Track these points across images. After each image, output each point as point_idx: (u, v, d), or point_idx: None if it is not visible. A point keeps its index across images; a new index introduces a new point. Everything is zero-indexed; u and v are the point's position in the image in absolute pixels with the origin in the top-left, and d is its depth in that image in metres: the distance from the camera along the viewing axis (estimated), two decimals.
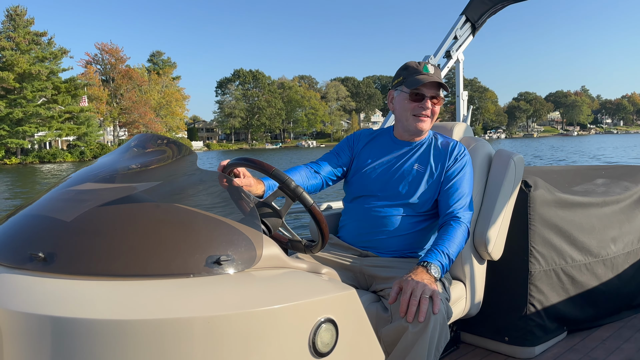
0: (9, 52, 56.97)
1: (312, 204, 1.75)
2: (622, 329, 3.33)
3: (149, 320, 1.20)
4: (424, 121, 2.37)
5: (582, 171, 3.90)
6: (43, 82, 58.02)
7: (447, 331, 1.97)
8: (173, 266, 1.40)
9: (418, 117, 2.36)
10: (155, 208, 1.55)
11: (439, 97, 2.37)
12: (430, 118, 2.38)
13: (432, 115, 2.38)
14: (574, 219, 3.08)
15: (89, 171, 1.79)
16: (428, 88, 2.33)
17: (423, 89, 2.33)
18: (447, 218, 2.30)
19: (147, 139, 1.95)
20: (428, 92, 2.34)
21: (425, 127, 2.39)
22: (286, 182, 1.76)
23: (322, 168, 2.49)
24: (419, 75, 2.32)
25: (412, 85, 2.33)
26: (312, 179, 2.44)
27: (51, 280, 1.36)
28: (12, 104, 57.66)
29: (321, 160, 2.53)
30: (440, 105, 2.40)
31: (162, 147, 1.90)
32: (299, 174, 2.40)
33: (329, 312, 1.40)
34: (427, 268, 2.02)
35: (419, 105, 2.35)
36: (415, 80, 2.31)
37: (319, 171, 2.48)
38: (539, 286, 2.92)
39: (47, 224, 1.55)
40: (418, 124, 2.37)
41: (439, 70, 2.41)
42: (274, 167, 1.80)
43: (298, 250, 2.01)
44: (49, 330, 1.20)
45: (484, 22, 4.48)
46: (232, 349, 1.25)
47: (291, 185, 1.76)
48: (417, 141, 2.47)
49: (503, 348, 2.99)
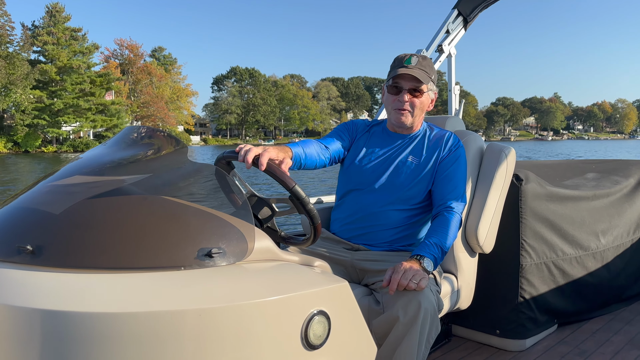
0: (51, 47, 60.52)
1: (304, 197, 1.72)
2: (611, 322, 3.35)
3: (140, 313, 1.19)
4: (404, 114, 2.32)
5: (573, 165, 3.91)
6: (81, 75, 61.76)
7: (437, 323, 1.98)
8: (164, 259, 1.40)
9: (398, 111, 2.33)
10: (146, 200, 1.54)
11: (420, 90, 2.29)
12: (410, 111, 2.32)
13: (412, 108, 2.32)
14: (564, 212, 3.10)
15: (78, 164, 1.77)
16: (407, 81, 2.28)
17: (401, 81, 2.29)
18: (441, 209, 2.29)
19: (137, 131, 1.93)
20: (406, 85, 2.29)
21: (406, 121, 2.34)
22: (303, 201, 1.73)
23: (331, 145, 2.42)
24: (398, 68, 2.28)
25: (390, 78, 2.31)
26: (323, 154, 2.36)
27: (40, 273, 1.35)
28: (52, 95, 61.24)
29: (327, 139, 2.46)
30: (421, 99, 2.32)
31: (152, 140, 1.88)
32: (313, 146, 2.30)
33: (321, 305, 1.40)
34: (420, 261, 2.02)
35: (397, 98, 2.32)
36: (394, 72, 2.29)
37: (329, 147, 2.41)
38: (530, 279, 2.93)
39: (35, 217, 1.53)
40: (398, 117, 2.34)
41: (428, 62, 2.34)
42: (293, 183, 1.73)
43: (291, 244, 1.98)
44: (38, 323, 1.19)
45: (476, 16, 4.47)
46: (224, 342, 1.24)
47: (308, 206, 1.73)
48: (410, 134, 2.44)
49: (494, 341, 3.00)
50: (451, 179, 2.33)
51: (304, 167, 2.25)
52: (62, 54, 61.09)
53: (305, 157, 2.21)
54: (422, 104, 2.34)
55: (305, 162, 2.22)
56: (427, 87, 2.32)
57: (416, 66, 2.28)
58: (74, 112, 62.35)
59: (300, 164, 2.20)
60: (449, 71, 4.56)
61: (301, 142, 2.26)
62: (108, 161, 1.74)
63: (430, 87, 2.34)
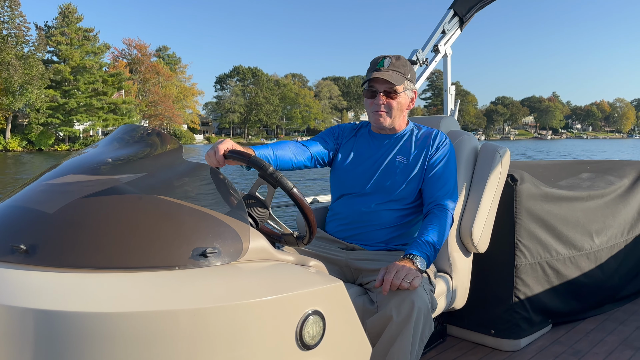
0: (65, 47, 61.88)
1: (292, 188, 1.71)
2: (605, 322, 3.37)
3: (134, 312, 1.19)
4: (382, 116, 2.35)
5: (568, 166, 3.92)
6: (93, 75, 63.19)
7: (431, 322, 1.99)
8: (158, 258, 1.39)
9: (376, 113, 2.36)
10: (140, 200, 1.53)
11: (394, 91, 2.31)
12: (387, 112, 2.35)
13: (388, 110, 2.34)
14: (559, 212, 3.11)
15: (73, 162, 1.77)
16: (381, 84, 2.31)
17: (375, 84, 2.32)
18: (431, 206, 2.30)
19: (132, 130, 1.93)
20: (380, 88, 2.31)
21: (384, 122, 2.36)
22: (263, 167, 1.73)
23: (311, 147, 2.44)
24: (372, 72, 2.31)
25: (365, 82, 2.34)
26: (301, 155, 2.37)
27: (33, 272, 1.35)
28: (66, 95, 62.64)
29: (309, 141, 2.48)
30: (397, 99, 2.33)
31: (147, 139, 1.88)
32: (288, 147, 2.33)
33: (316, 305, 1.40)
34: (413, 260, 2.03)
35: (374, 101, 2.34)
36: (368, 76, 2.33)
37: (308, 147, 2.43)
38: (524, 279, 2.95)
39: (29, 216, 1.52)
40: (376, 119, 2.37)
41: (401, 61, 2.35)
42: (251, 154, 1.78)
43: (287, 243, 1.97)
44: (31, 323, 1.18)
45: (472, 16, 4.48)
46: (218, 342, 1.24)
47: (268, 170, 1.72)
48: (395, 134, 2.45)
49: (489, 341, 3.01)
50: (440, 176, 2.35)
51: (278, 168, 2.27)
52: (75, 54, 62.56)
53: (275, 159, 2.25)
54: (399, 104, 2.35)
55: (277, 163, 2.26)
56: (402, 87, 2.34)
57: (389, 68, 2.31)
58: (86, 111, 63.96)
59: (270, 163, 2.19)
60: (445, 71, 4.59)
61: (272, 144, 2.30)
62: (102, 160, 1.73)
63: (406, 86, 2.36)
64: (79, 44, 64.00)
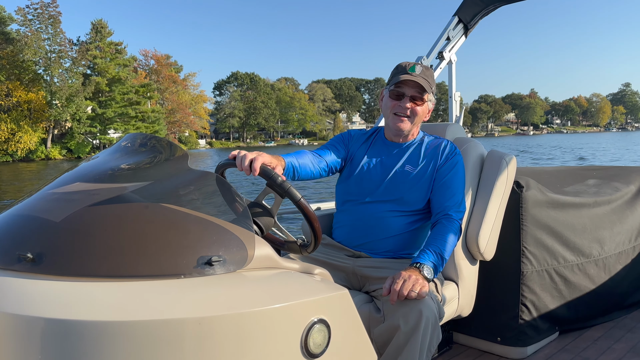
0: (100, 60, 66.47)
1: (300, 199, 1.72)
2: (613, 329, 3.33)
3: (140, 321, 1.19)
4: (403, 121, 2.36)
5: (574, 172, 3.91)
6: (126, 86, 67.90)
7: (439, 331, 1.98)
8: (164, 267, 1.40)
9: (397, 116, 2.36)
10: (146, 208, 1.53)
11: (422, 98, 2.33)
12: (409, 118, 2.36)
13: (412, 115, 2.35)
14: (566, 219, 3.09)
15: (79, 171, 1.78)
16: (410, 87, 2.32)
17: (404, 87, 2.32)
18: (440, 216, 2.30)
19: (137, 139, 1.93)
20: (409, 92, 2.32)
21: (404, 127, 2.37)
22: (272, 177, 1.74)
23: (326, 156, 2.45)
24: (402, 75, 2.31)
25: (393, 83, 2.34)
26: (317, 164, 2.39)
27: (40, 281, 1.35)
28: (102, 105, 67.33)
29: (323, 150, 2.49)
30: (422, 107, 2.36)
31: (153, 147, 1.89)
32: (307, 157, 2.34)
33: (321, 313, 1.39)
34: (420, 269, 2.02)
35: (399, 103, 2.34)
36: (396, 78, 2.32)
37: (323, 157, 2.44)
38: (531, 286, 2.92)
39: (36, 225, 1.53)
40: (397, 123, 2.36)
41: (430, 72, 2.38)
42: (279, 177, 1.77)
43: (292, 251, 1.98)
44: (38, 332, 1.18)
45: (477, 23, 4.49)
46: (224, 350, 1.24)
47: (277, 180, 1.73)
48: (406, 142, 2.46)
49: (495, 348, 2.99)
50: (449, 187, 2.35)
51: (299, 178, 2.29)
52: (110, 67, 67.11)
53: (299, 167, 2.26)
54: (422, 112, 2.37)
55: (299, 172, 2.27)
56: (427, 97, 2.36)
57: (420, 75, 2.32)
58: (121, 120, 68.53)
59: (294, 173, 2.24)
60: (449, 78, 4.59)
61: (295, 153, 2.30)
62: (109, 169, 1.74)
63: (430, 98, 2.38)
64: (111, 57, 68.59)
